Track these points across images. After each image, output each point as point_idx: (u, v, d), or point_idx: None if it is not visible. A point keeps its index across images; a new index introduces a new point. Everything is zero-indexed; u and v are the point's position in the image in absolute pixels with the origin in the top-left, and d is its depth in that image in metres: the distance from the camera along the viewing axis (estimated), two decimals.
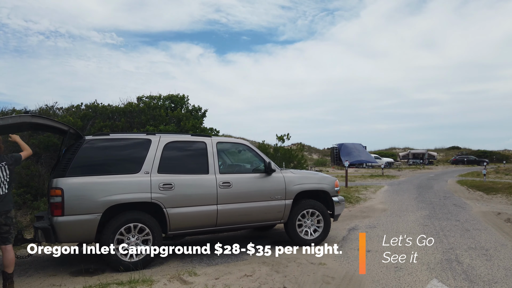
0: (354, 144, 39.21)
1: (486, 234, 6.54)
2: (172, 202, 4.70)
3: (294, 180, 5.65)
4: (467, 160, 45.65)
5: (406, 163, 46.96)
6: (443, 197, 12.24)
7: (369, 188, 15.15)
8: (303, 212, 5.65)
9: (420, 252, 5.17)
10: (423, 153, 47.23)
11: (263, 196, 5.37)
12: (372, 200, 11.36)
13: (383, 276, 4.26)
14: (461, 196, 12.82)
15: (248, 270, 4.31)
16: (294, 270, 4.37)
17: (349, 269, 4.54)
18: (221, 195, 5.03)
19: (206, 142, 5.21)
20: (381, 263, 4.72)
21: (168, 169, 4.81)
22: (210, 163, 5.10)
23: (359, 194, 12.85)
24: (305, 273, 4.27)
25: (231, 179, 5.17)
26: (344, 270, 4.48)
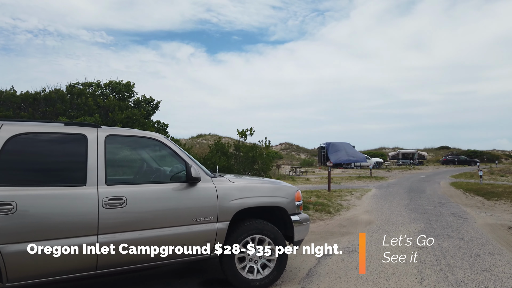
0: (342, 143, 37.62)
1: (503, 262, 4.80)
2: (9, 235, 2.83)
3: (232, 192, 3.81)
4: (458, 160, 44.49)
5: (395, 163, 45.60)
6: (438, 204, 10.56)
7: (355, 192, 13.42)
8: (246, 240, 3.82)
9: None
10: (413, 153, 45.95)
11: (181, 219, 3.53)
12: (356, 209, 9.60)
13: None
14: (459, 202, 11.16)
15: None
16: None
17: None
18: (106, 220, 3.16)
19: (86, 136, 3.32)
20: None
21: (6, 179, 2.93)
22: (90, 167, 3.22)
23: (342, 200, 11.09)
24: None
25: (126, 193, 3.30)
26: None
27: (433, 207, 9.95)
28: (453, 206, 10.15)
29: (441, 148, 63.88)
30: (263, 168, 10.86)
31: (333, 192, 13.31)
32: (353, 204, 10.37)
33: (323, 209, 8.90)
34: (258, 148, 11.68)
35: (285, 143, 61.25)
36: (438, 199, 11.86)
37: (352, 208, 9.76)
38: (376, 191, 14.18)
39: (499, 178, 20.66)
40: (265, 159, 11.64)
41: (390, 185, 17.59)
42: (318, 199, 10.70)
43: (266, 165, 11.41)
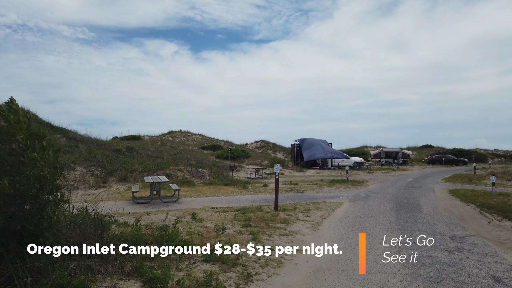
0: (318, 140, 32.90)
1: None
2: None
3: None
4: (445, 160, 40.58)
5: (378, 163, 41.38)
6: (450, 239, 5.92)
7: (315, 211, 8.68)
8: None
9: None
10: (397, 152, 41.79)
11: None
12: (299, 258, 4.80)
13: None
14: (483, 234, 6.54)
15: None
16: None
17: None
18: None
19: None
20: None
21: None
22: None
23: (283, 233, 6.29)
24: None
25: None
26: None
27: (447, 251, 5.27)
28: (480, 248, 5.51)
29: (424, 147, 60.40)
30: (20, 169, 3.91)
31: (281, 210, 8.53)
32: (300, 243, 5.57)
33: (232, 263, 4.06)
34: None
35: (261, 140, 56.64)
36: (445, 226, 7.22)
37: (293, 257, 4.94)
38: (349, 208, 9.45)
39: (507, 184, 16.32)
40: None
41: (370, 194, 12.95)
42: (234, 236, 5.86)
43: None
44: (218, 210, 8.69)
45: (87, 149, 17.08)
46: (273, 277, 4.12)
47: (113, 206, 9.41)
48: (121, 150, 18.97)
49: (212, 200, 10.71)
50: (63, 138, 19.80)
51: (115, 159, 16.31)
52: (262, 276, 4.13)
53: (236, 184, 15.32)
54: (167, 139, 45.68)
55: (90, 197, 11.41)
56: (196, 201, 10.56)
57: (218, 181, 15.46)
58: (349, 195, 12.56)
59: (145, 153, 21.55)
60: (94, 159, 15.11)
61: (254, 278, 4.03)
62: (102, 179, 13.30)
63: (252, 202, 10.33)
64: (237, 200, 10.79)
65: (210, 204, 9.93)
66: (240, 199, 11.05)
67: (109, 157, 16.26)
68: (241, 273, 4.15)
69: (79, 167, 13.91)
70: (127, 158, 17.66)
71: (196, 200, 10.77)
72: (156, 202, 10.16)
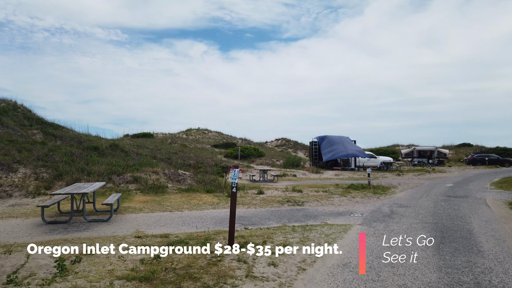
0: (340, 137, 28.92)
1: None
2: None
3: None
4: (489, 160, 35.29)
5: (409, 162, 36.74)
6: None
7: (298, 248, 5.27)
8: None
9: None
10: (432, 151, 36.85)
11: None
12: None
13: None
14: None
15: None
16: None
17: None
18: None
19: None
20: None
21: None
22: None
23: None
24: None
25: None
26: None
27: None
28: None
29: (461, 145, 54.32)
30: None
31: (240, 245, 5.19)
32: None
33: None
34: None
35: (281, 138, 53.21)
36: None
37: None
38: (356, 241, 5.93)
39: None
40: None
41: (396, 209, 9.30)
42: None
43: None
44: (140, 243, 5.49)
45: (56, 146, 14.44)
46: None
47: (6, 230, 6.43)
48: (100, 148, 16.21)
49: (162, 219, 7.53)
50: (40, 134, 17.40)
51: (82, 158, 13.53)
52: None
53: (222, 190, 12.06)
54: (181, 136, 43.20)
55: (6, 209, 8.48)
56: (139, 219, 7.41)
57: (200, 187, 12.26)
58: (365, 211, 8.98)
59: (137, 152, 18.75)
60: (49, 158, 12.36)
61: None
62: (47, 184, 10.48)
63: (215, 224, 7.06)
64: (197, 219, 7.55)
65: (152, 226, 6.78)
66: (203, 217, 7.80)
67: (74, 156, 13.48)
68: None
69: (24, 168, 11.17)
70: (103, 158, 14.85)
71: (140, 217, 7.62)
72: (77, 222, 7.10)
